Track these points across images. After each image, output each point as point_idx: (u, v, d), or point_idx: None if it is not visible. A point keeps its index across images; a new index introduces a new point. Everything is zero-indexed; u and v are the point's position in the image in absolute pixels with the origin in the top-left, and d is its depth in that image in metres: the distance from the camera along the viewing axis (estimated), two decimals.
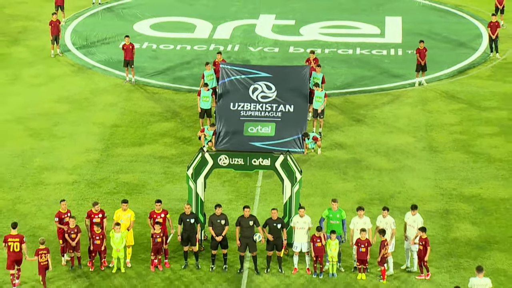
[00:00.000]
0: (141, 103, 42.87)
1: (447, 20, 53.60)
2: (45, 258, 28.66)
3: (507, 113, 41.95)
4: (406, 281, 30.02)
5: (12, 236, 28.77)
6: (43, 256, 28.61)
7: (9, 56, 48.13)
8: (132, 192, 35.10)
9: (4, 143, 38.93)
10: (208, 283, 29.96)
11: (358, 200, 34.10)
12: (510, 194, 35.25)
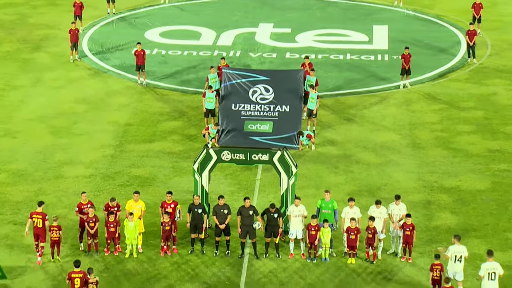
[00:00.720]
0: (152, 104, 42.88)
1: (429, 28, 53.59)
2: (56, 235, 29.27)
3: (483, 113, 41.97)
4: (392, 264, 30.09)
5: (36, 213, 29.48)
6: (54, 233, 29.23)
7: (32, 61, 48.12)
8: (143, 184, 35.13)
9: (27, 140, 38.96)
10: (212, 267, 30.00)
11: (348, 191, 34.12)
12: (486, 186, 35.28)
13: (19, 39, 51.05)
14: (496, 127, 40.55)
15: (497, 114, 41.91)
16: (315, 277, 29.58)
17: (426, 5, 57.31)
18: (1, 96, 43.62)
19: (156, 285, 29.09)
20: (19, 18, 54.54)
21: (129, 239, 30.22)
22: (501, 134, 39.88)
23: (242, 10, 56.53)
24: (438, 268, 27.83)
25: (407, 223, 29.65)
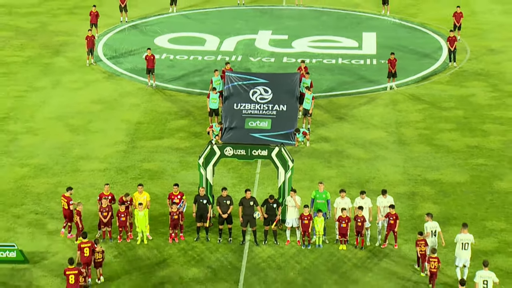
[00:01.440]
0: (161, 104, 42.86)
1: (414, 35, 53.55)
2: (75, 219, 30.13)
3: (463, 112, 41.96)
4: (379, 250, 30.16)
5: (64, 196, 30.36)
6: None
7: (52, 65, 48.10)
8: (153, 177, 35.12)
9: (47, 137, 38.95)
10: (216, 253, 30.01)
11: (340, 184, 34.11)
12: (465, 179, 35.28)
13: (40, 45, 51.03)
14: (475, 125, 40.54)
15: (475, 113, 41.89)
16: (309, 261, 29.60)
17: (411, 14, 57.26)
18: (24, 97, 43.60)
19: (164, 269, 29.11)
20: (40, 26, 54.51)
21: (139, 227, 30.29)
22: (479, 131, 39.87)
23: (243, 19, 56.50)
24: (422, 244, 28.19)
25: (391, 213, 29.70)
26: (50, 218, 31.66)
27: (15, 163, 36.41)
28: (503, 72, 47.19)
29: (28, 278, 28.50)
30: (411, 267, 29.12)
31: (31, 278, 28.53)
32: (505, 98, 43.62)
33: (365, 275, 28.84)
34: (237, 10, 58.34)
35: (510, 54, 49.86)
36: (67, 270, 26.49)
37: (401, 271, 29.05)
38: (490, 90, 44.74)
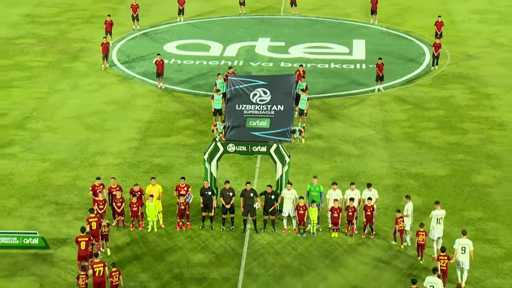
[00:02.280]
0: (169, 105, 42.84)
1: (399, 42, 53.53)
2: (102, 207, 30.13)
3: (444, 112, 41.97)
4: (368, 238, 30.15)
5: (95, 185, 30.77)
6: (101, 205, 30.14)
7: (70, 69, 48.09)
8: (162, 171, 35.13)
9: (67, 135, 38.95)
10: (219, 240, 30.04)
11: (332, 177, 34.11)
12: (446, 173, 35.30)
13: (60, 51, 51.01)
14: (454, 124, 40.55)
15: (455, 113, 41.89)
16: (304, 248, 29.63)
17: (397, 23, 57.23)
18: (45, 98, 43.59)
19: (173, 254, 29.13)
20: (60, 33, 54.50)
21: (150, 216, 30.32)
22: (459, 129, 39.88)
23: (244, 27, 56.48)
24: (401, 220, 28.88)
25: (368, 205, 29.79)
26: (69, 208, 31.66)
27: (37, 158, 36.42)
28: (480, 75, 47.18)
29: (49, 262, 28.56)
30: (397, 252, 29.14)
31: (51, 262, 28.59)
32: (482, 100, 43.62)
33: (354, 260, 28.88)
34: (238, 19, 58.31)
35: (486, 59, 49.84)
36: (79, 237, 27.32)
37: (387, 256, 29.09)
38: (468, 92, 44.73)
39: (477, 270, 27.95)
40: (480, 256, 28.75)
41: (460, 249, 26.85)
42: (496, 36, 53.93)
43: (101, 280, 25.67)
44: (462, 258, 26.90)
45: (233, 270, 28.27)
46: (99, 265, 25.71)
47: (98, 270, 25.63)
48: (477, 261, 28.22)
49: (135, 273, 28.02)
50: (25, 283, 27.47)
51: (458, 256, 26.93)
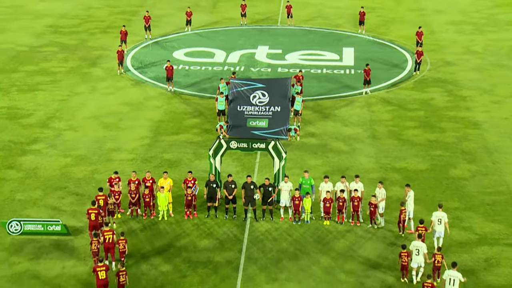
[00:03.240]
0: (178, 106, 42.83)
1: (385, 50, 53.49)
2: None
3: (424, 113, 41.97)
4: (355, 225, 30.13)
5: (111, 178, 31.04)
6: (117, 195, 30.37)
7: (89, 74, 48.07)
8: (171, 166, 35.12)
9: (86, 133, 38.95)
10: (223, 227, 30.06)
11: (324, 171, 34.11)
12: (426, 167, 35.32)
13: (80, 58, 50.98)
14: (434, 123, 40.55)
15: (434, 113, 41.89)
16: (299, 234, 29.64)
17: (382, 33, 57.20)
18: (67, 100, 43.57)
19: (181, 240, 29.15)
20: (80, 42, 54.46)
21: (161, 206, 30.35)
22: (437, 128, 39.88)
23: (245, 36, 56.44)
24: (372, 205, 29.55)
25: (355, 196, 29.83)
26: (88, 198, 31.62)
27: (59, 154, 36.41)
28: (456, 80, 47.16)
29: (70, 247, 28.61)
30: (383, 238, 29.14)
31: (72, 247, 28.63)
32: (458, 102, 43.60)
33: (344, 245, 28.89)
34: (240, 29, 58.27)
35: (462, 65, 49.82)
36: (89, 209, 28.28)
37: (373, 241, 29.09)
38: (446, 94, 44.72)
39: (454, 254, 27.97)
40: (457, 241, 28.80)
41: (437, 221, 27.18)
42: (471, 45, 53.92)
43: (110, 245, 27.02)
44: (438, 228, 27.38)
45: (235, 254, 28.28)
46: (108, 233, 26.98)
47: (108, 237, 26.93)
48: (453, 245, 28.24)
49: (148, 256, 28.02)
50: (49, 265, 27.52)
51: (435, 226, 27.38)
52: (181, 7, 62.34)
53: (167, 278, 26.85)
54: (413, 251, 26.37)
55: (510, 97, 44.17)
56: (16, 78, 46.89)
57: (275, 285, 26.55)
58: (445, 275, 25.04)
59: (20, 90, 44.93)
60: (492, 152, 36.89)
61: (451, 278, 24.70)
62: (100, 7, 63.27)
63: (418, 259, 26.38)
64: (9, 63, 49.55)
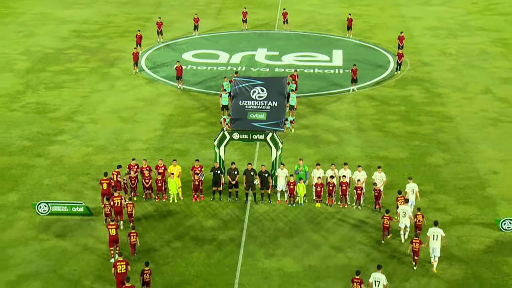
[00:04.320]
0: (187, 102, 42.73)
1: (370, 52, 53.33)
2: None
3: (404, 108, 41.89)
4: (344, 207, 30.13)
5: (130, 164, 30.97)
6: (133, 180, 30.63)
7: (108, 73, 47.94)
8: (181, 155, 35.07)
9: (105, 125, 38.89)
10: (227, 209, 30.06)
11: (316, 159, 34.07)
12: (406, 155, 35.29)
13: (100, 59, 50.84)
14: (412, 117, 40.47)
15: (413, 108, 41.81)
16: (294, 215, 29.65)
17: (367, 37, 57.01)
18: (88, 96, 43.48)
19: (189, 220, 29.17)
20: (100, 45, 54.30)
21: (172, 190, 30.32)
22: (416, 121, 39.82)
23: (246, 40, 56.25)
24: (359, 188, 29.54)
25: (343, 181, 29.83)
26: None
27: (82, 144, 36.37)
28: (432, 79, 47.05)
29: (92, 227, 28.63)
30: (367, 218, 29.14)
31: (94, 226, 28.65)
32: (434, 98, 43.52)
33: (333, 224, 28.90)
34: (242, 33, 58.08)
35: (437, 66, 49.69)
36: (102, 180, 29.32)
37: (359, 221, 29.10)
38: (423, 92, 44.62)
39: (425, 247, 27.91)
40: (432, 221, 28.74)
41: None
42: (445, 48, 53.76)
43: (119, 209, 28.09)
44: (411, 197, 27.70)
45: (237, 232, 28.28)
46: (117, 198, 28.06)
47: (116, 202, 28.00)
48: (429, 225, 28.20)
49: (160, 234, 28.04)
50: (73, 241, 27.55)
51: (409, 196, 27.76)
52: (189, 14, 62.12)
53: (177, 253, 26.88)
54: (400, 214, 27.30)
55: (480, 94, 44.09)
56: (44, 77, 46.78)
57: (272, 260, 26.57)
58: (429, 232, 25.85)
59: (47, 88, 44.84)
60: (463, 142, 36.85)
61: (434, 234, 25.67)
62: (118, 14, 63.04)
63: (405, 221, 27.26)
64: (38, 64, 49.43)
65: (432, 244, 25.63)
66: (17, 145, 36.17)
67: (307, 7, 66.02)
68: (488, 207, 30.31)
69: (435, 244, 25.58)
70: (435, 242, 25.56)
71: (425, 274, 25.68)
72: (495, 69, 48.71)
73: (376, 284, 23.31)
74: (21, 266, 26.06)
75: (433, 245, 25.61)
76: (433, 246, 25.61)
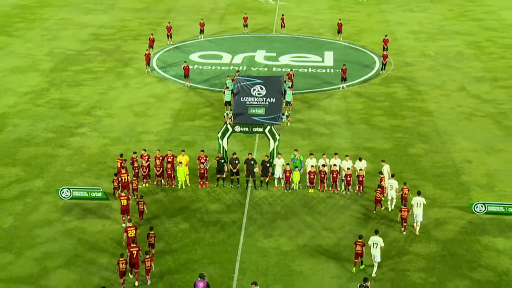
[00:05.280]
0: (193, 98, 42.60)
1: (358, 53, 53.13)
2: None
3: (389, 104, 41.76)
4: (334, 193, 30.10)
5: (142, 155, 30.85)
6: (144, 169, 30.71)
7: (123, 73, 47.78)
8: (188, 145, 35.00)
9: (121, 119, 38.78)
10: (229, 194, 30.03)
11: (309, 149, 34.02)
12: (390, 146, 35.22)
13: (116, 60, 50.66)
14: (396, 112, 40.37)
15: (397, 104, 41.70)
16: (289, 200, 29.63)
17: (355, 40, 56.78)
18: (105, 93, 43.34)
19: (196, 204, 29.15)
20: (115, 47, 54.10)
21: (180, 177, 30.29)
22: (399, 116, 39.72)
23: (247, 42, 56.04)
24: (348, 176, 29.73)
25: (334, 169, 29.86)
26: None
27: (100, 136, 36.29)
28: (414, 77, 46.91)
29: (109, 209, 28.63)
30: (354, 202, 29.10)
31: (110, 209, 28.65)
32: (415, 95, 43.41)
33: (324, 208, 28.90)
34: (243, 37, 57.85)
35: (418, 66, 49.52)
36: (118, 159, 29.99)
37: (348, 204, 29.08)
38: (406, 89, 44.49)
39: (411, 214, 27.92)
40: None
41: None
42: (425, 50, 53.57)
43: (125, 184, 28.80)
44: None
45: (238, 215, 28.28)
46: (124, 174, 28.84)
47: (124, 178, 28.78)
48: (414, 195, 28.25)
49: (170, 216, 28.04)
50: (92, 223, 27.56)
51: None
52: (196, 19, 61.87)
53: (185, 234, 26.89)
54: (388, 187, 28.21)
55: (455, 91, 43.98)
56: (66, 76, 46.63)
57: (270, 240, 26.58)
58: (413, 200, 26.86)
59: (69, 85, 44.70)
60: (441, 134, 36.78)
61: (418, 202, 26.67)
62: (132, 19, 62.76)
63: (392, 193, 28.30)
64: (61, 64, 49.26)
65: (415, 210, 26.63)
66: (42, 137, 36.10)
67: (301, 13, 65.74)
68: (462, 192, 30.31)
69: (418, 210, 26.57)
70: (418, 209, 26.56)
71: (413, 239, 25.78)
72: (469, 69, 48.57)
73: (374, 246, 24.23)
74: (46, 244, 26.10)
75: (416, 212, 26.62)
76: (416, 212, 26.62)
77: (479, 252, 25.98)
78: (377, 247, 24.13)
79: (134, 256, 23.30)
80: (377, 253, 24.08)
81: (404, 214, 26.56)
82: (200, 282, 21.84)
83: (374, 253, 24.10)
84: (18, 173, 31.81)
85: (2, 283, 23.86)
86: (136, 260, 23.37)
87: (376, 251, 24.06)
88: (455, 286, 24.01)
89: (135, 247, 23.46)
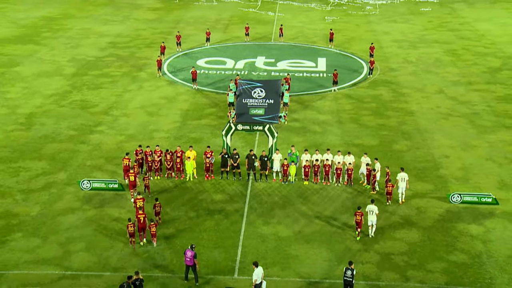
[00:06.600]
0: (200, 99, 42.49)
1: (348, 60, 52.96)
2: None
3: (375, 105, 41.64)
4: (327, 185, 30.02)
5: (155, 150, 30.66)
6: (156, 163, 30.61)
7: (137, 76, 47.65)
8: (195, 142, 34.91)
9: (135, 118, 38.69)
10: (232, 185, 29.97)
11: (304, 146, 33.94)
12: (376, 143, 35.15)
13: (131, 65, 50.52)
14: (382, 112, 40.26)
15: (383, 105, 41.58)
16: (286, 191, 29.57)
17: (346, 47, 56.62)
18: (121, 95, 43.23)
19: (202, 195, 29.09)
20: (130, 54, 53.95)
21: (188, 171, 30.22)
22: (385, 116, 39.61)
23: (248, 49, 55.89)
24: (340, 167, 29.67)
25: (326, 163, 29.78)
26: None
27: (116, 133, 36.21)
28: (398, 81, 46.77)
29: (124, 199, 28.58)
30: (343, 192, 29.00)
31: (126, 199, 28.59)
32: (399, 97, 43.29)
33: (318, 198, 28.85)
34: (244, 44, 57.69)
35: (402, 71, 49.36)
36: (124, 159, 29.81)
37: (339, 195, 29.02)
38: (391, 92, 44.36)
39: (395, 203, 27.86)
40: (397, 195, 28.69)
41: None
42: (408, 56, 53.41)
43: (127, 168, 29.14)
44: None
45: (241, 205, 28.23)
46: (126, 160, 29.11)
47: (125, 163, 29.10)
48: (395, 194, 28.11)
49: (178, 206, 28.00)
50: (110, 212, 27.53)
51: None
52: (202, 29, 61.71)
53: (192, 221, 26.85)
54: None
55: (434, 94, 43.86)
56: (86, 80, 46.51)
57: (269, 227, 26.55)
58: (398, 176, 28.09)
59: (89, 88, 44.59)
60: (422, 132, 36.69)
61: (402, 177, 27.98)
62: (145, 29, 62.59)
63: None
64: (82, 69, 49.15)
65: (400, 184, 28.06)
66: (65, 134, 36.03)
67: (297, 23, 65.57)
68: (441, 184, 30.25)
69: (402, 184, 28.06)
70: (402, 183, 28.06)
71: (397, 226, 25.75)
72: (446, 74, 48.44)
73: (370, 213, 25.55)
74: (69, 230, 26.08)
75: (401, 185, 28.06)
76: (401, 186, 28.06)
77: (455, 237, 25.97)
78: (373, 214, 25.37)
79: (142, 221, 24.55)
80: (374, 218, 25.42)
81: (389, 189, 27.82)
82: (189, 251, 22.71)
83: (371, 219, 25.39)
84: (44, 166, 31.77)
85: (31, 264, 23.92)
86: (143, 225, 24.63)
87: (372, 217, 25.39)
88: (434, 267, 24.05)
89: (142, 214, 24.70)
